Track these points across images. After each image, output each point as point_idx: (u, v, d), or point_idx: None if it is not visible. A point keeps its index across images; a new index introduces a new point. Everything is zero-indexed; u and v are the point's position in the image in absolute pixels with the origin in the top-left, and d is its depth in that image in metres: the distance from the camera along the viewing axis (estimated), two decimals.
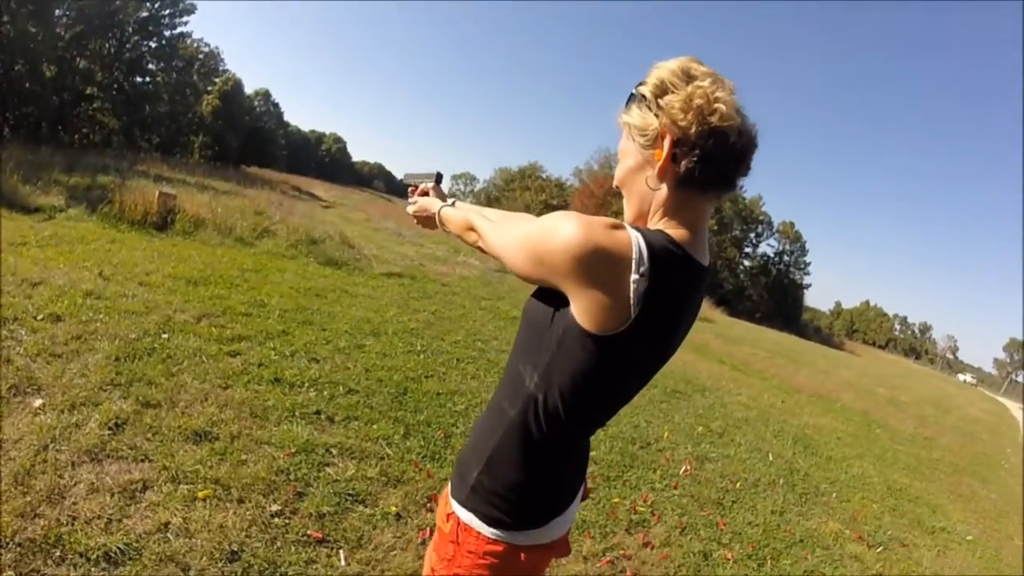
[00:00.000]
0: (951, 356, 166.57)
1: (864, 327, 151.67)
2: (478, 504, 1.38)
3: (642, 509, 4.37)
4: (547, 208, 79.02)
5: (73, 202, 9.99)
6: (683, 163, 1.18)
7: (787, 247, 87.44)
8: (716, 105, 1.16)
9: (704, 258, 1.28)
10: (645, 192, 1.28)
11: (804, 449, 7.89)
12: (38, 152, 17.28)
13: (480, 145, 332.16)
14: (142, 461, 3.20)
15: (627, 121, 1.29)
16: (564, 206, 77.64)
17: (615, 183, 1.38)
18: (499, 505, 1.35)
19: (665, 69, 1.23)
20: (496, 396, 1.46)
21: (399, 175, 2.27)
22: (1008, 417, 33.51)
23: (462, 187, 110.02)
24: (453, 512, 1.43)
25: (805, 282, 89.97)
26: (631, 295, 1.11)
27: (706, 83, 1.18)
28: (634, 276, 1.11)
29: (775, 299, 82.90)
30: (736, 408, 9.10)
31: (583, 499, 1.62)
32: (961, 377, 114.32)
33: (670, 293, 1.18)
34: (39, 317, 4.72)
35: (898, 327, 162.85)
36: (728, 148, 1.18)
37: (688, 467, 5.56)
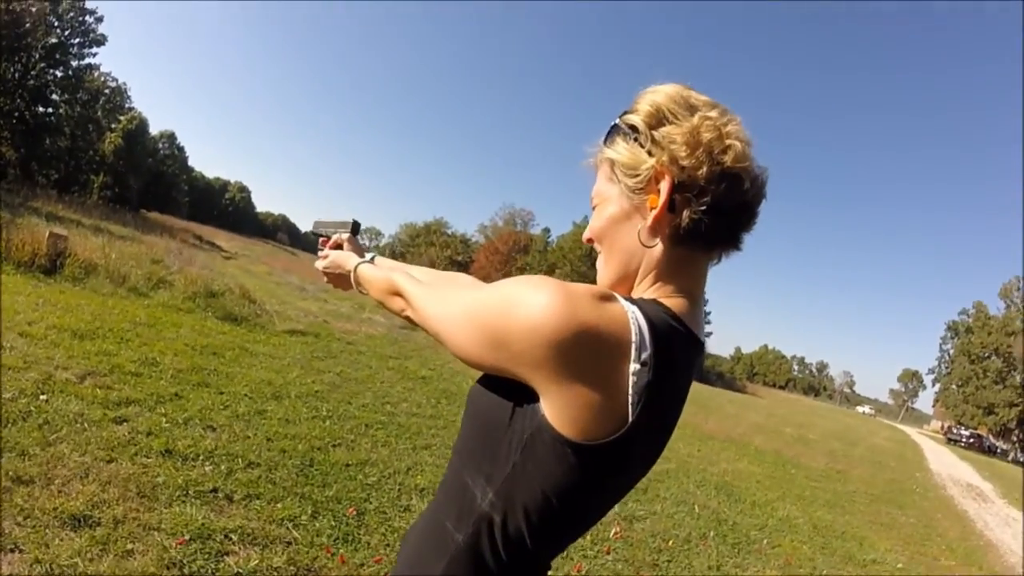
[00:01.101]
0: (848, 390, 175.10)
1: (764, 369, 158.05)
2: None
3: None
4: (452, 265, 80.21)
5: None
6: (686, 213, 0.93)
7: None
8: (729, 142, 0.93)
9: (701, 332, 1.02)
10: (633, 249, 1.01)
11: (728, 497, 7.87)
12: None
13: (386, 200, 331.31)
14: (11, 551, 2.77)
15: (611, 157, 1.03)
16: (469, 263, 78.62)
17: (588, 235, 1.11)
18: None
19: (660, 94, 0.99)
20: (435, 510, 1.10)
21: (304, 227, 1.92)
22: (910, 442, 35.91)
23: (367, 242, 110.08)
24: None
25: (706, 331, 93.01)
26: (629, 391, 0.83)
27: (714, 114, 0.96)
28: (634, 366, 0.83)
29: None
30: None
31: None
32: (860, 409, 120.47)
33: (674, 382, 0.92)
34: None
35: (796, 367, 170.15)
36: (742, 195, 0.95)
37: (618, 528, 5.34)
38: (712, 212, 0.92)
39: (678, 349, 0.92)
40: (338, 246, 1.69)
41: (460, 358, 0.98)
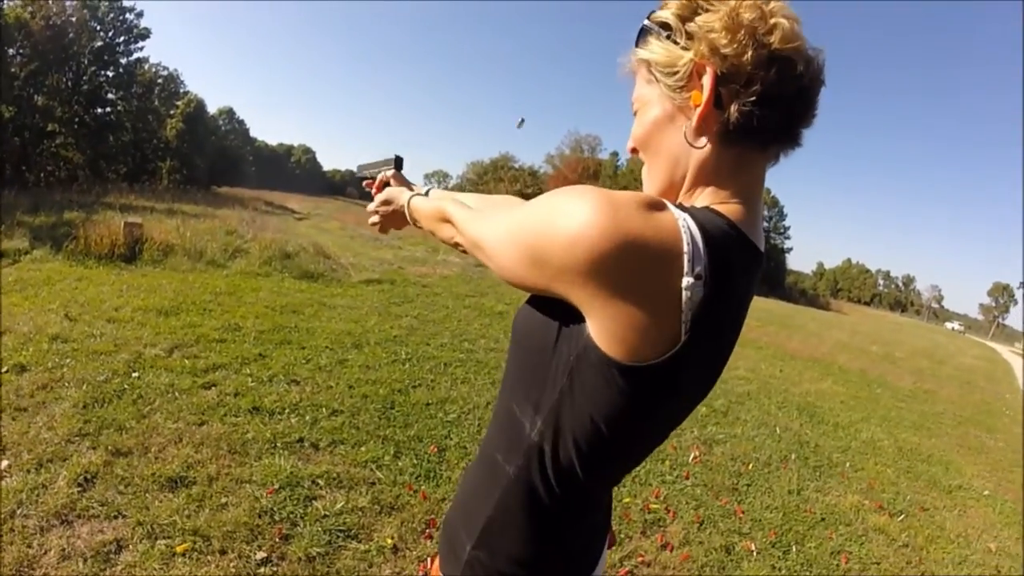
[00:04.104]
0: (936, 305, 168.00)
1: (848, 285, 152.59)
2: None
3: (655, 506, 4.15)
4: (524, 197, 79.96)
5: (38, 243, 9.66)
6: (734, 107, 0.83)
7: (765, 213, 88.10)
8: (774, 20, 0.82)
9: (760, 241, 0.92)
10: (679, 153, 0.92)
11: (810, 418, 7.74)
12: (1, 195, 16.87)
13: (450, 141, 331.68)
14: (115, 518, 2.97)
15: (646, 58, 0.93)
16: (539, 194, 78.47)
17: (631, 144, 1.02)
18: None
19: None
20: (487, 444, 1.07)
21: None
22: (1001, 361, 33.71)
23: (436, 184, 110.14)
24: None
25: (786, 246, 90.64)
26: (682, 307, 0.76)
27: None
28: (687, 280, 0.75)
29: None
30: (736, 382, 8.92)
31: (608, 547, 1.26)
32: (949, 325, 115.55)
33: (732, 298, 0.85)
34: (3, 370, 4.48)
35: (882, 282, 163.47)
36: (795, 81, 0.84)
37: (697, 453, 5.35)
38: (764, 103, 0.83)
39: (736, 261, 0.84)
40: (385, 184, 1.60)
41: (506, 279, 0.93)
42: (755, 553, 3.84)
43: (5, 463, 3.28)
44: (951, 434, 9.01)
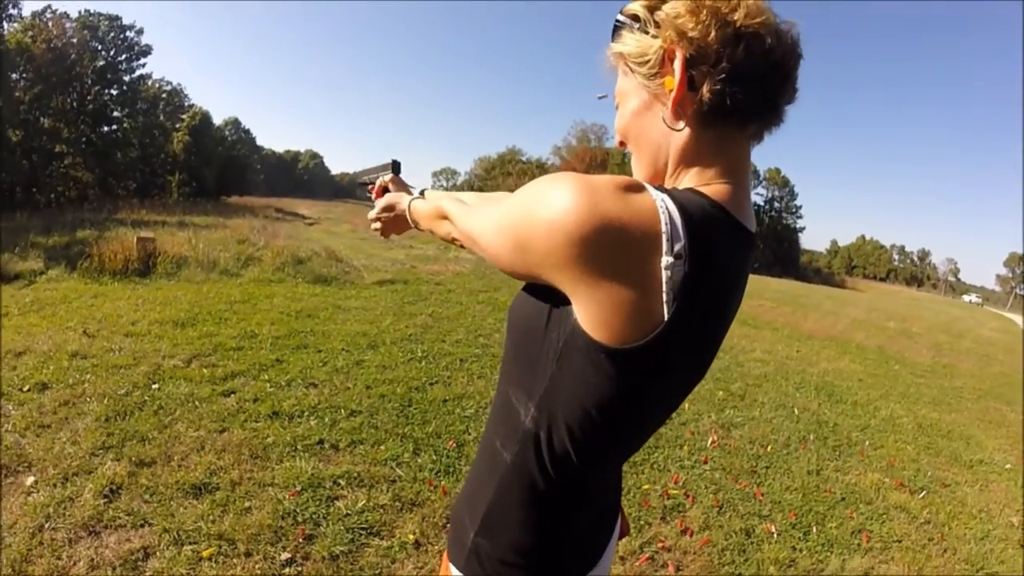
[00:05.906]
0: (953, 278, 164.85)
1: (863, 262, 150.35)
2: (480, 573, 1.03)
3: (675, 492, 4.16)
4: None
5: (52, 263, 9.76)
6: (706, 87, 0.84)
7: (776, 193, 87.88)
8: None
9: (750, 222, 0.93)
10: (659, 137, 0.93)
11: (828, 398, 7.69)
12: (13, 218, 17.02)
13: (457, 138, 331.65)
14: (141, 526, 3.02)
15: (619, 51, 0.95)
16: None
17: (617, 138, 1.03)
18: (507, 574, 1.01)
19: None
20: (488, 431, 1.10)
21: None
22: (1020, 333, 33.11)
23: (444, 182, 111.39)
24: None
25: (799, 225, 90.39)
26: (663, 287, 0.76)
27: None
28: (666, 260, 0.75)
29: (771, 246, 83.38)
30: (753, 365, 8.88)
31: (621, 536, 1.30)
32: (966, 298, 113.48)
33: (717, 277, 0.84)
34: (25, 388, 4.54)
35: (896, 257, 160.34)
36: (766, 56, 0.84)
37: (715, 437, 5.35)
38: (735, 80, 0.83)
39: (720, 240, 0.84)
40: (384, 189, 1.66)
41: (499, 268, 0.94)
42: (775, 535, 3.84)
43: (31, 479, 3.34)
44: (971, 408, 8.88)
